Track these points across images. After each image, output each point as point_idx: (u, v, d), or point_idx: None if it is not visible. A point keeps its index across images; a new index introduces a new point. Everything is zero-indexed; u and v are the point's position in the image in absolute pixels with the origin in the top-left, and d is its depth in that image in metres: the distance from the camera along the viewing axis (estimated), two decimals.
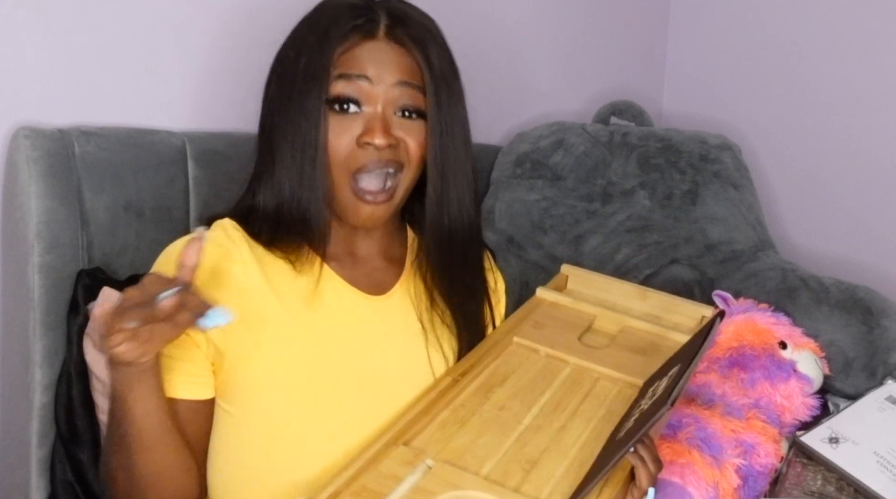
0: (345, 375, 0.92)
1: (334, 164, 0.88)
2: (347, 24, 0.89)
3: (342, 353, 0.92)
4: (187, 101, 1.34)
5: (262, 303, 0.89)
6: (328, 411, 0.90)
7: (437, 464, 0.83)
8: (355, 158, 0.88)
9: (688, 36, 2.13)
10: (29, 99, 1.19)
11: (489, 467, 0.83)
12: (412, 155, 0.91)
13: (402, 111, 0.90)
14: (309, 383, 0.90)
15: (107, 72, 1.26)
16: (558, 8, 1.91)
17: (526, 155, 1.65)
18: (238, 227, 0.93)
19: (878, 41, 1.77)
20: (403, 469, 0.82)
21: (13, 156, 1.14)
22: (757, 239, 1.63)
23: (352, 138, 0.88)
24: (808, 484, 1.14)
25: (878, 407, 1.25)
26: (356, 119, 0.88)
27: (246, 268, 0.90)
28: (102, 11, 1.24)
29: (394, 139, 0.88)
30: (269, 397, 0.89)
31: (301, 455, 0.89)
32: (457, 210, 0.95)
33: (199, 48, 1.33)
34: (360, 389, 0.92)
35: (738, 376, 1.24)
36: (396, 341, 0.96)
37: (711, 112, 2.07)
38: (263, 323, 0.89)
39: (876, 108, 1.79)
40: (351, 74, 0.88)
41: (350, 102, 0.88)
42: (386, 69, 0.88)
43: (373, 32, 0.90)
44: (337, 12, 0.91)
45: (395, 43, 0.90)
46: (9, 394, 1.22)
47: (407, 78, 0.89)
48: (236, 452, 0.91)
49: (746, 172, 1.72)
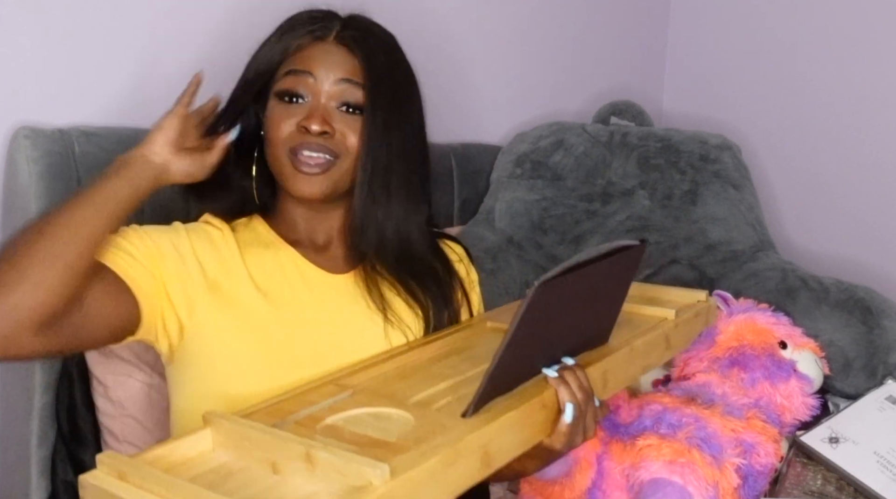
0: (305, 348, 0.96)
1: (275, 144, 0.98)
2: (304, 28, 1.00)
3: (303, 327, 0.97)
4: None
5: (233, 274, 0.96)
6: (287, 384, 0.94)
7: (357, 393, 0.83)
8: (293, 138, 0.97)
9: (688, 36, 2.13)
10: (29, 99, 1.19)
11: (425, 394, 0.83)
12: (350, 146, 0.98)
13: (343, 106, 0.98)
14: (269, 354, 0.94)
15: (107, 72, 1.26)
16: (558, 8, 1.91)
17: (526, 155, 1.66)
18: (214, 217, 1.02)
19: (878, 41, 1.77)
20: (325, 397, 0.83)
21: (13, 156, 1.14)
22: (757, 239, 1.63)
23: (293, 123, 0.97)
24: (808, 484, 1.14)
25: (878, 407, 1.25)
26: (300, 108, 0.98)
27: (230, 249, 0.98)
28: (102, 12, 1.24)
29: (330, 128, 0.97)
30: (231, 365, 0.93)
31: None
32: (383, 214, 1.01)
33: (199, 48, 1.34)
34: (319, 361, 0.96)
35: (738, 376, 1.24)
36: (356, 317, 1.01)
37: (711, 112, 2.07)
38: (236, 299, 0.95)
39: (876, 108, 1.79)
40: (298, 70, 0.98)
41: (295, 96, 0.98)
42: (330, 68, 0.98)
43: (324, 36, 1.00)
44: (299, 19, 1.02)
45: (342, 45, 1.00)
46: (9, 394, 1.22)
47: (349, 75, 0.98)
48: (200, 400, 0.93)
49: (746, 172, 1.72)
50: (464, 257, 1.14)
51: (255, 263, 0.99)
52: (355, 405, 0.80)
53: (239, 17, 1.37)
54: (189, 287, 0.93)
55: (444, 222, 1.62)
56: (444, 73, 1.71)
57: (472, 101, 1.78)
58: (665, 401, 1.16)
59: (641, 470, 1.06)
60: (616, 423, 1.14)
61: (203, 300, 0.93)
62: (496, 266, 1.48)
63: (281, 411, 0.80)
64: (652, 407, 1.14)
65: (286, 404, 0.82)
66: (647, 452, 1.07)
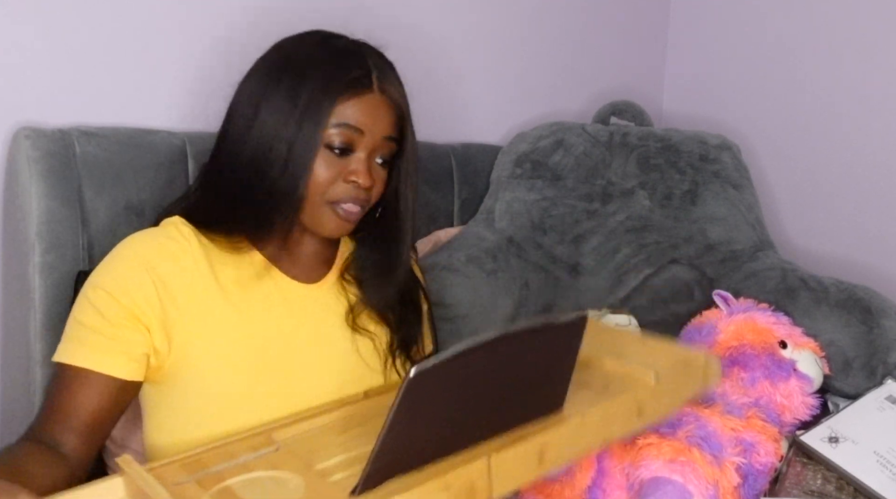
0: (277, 357, 0.99)
1: (315, 191, 0.98)
2: (347, 73, 0.98)
3: (276, 337, 1.00)
4: (187, 101, 1.34)
5: (206, 292, 0.97)
6: (260, 396, 0.97)
7: (281, 451, 0.83)
8: (336, 190, 0.99)
9: (688, 36, 2.13)
10: (30, 99, 1.20)
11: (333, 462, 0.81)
12: (376, 194, 1.04)
13: (380, 159, 1.02)
14: (245, 366, 0.97)
15: (107, 72, 1.26)
16: (558, 8, 1.91)
17: (526, 155, 1.66)
18: (186, 223, 1.01)
19: (879, 41, 1.78)
20: (248, 451, 0.83)
21: (14, 156, 1.14)
22: (757, 239, 1.63)
23: (338, 173, 0.99)
24: (808, 483, 1.14)
25: (878, 406, 1.25)
26: (347, 160, 0.99)
27: (195, 260, 0.98)
28: (103, 12, 1.24)
29: (372, 182, 1.00)
30: (207, 382, 0.96)
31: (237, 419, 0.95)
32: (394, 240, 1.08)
33: (199, 48, 1.34)
34: (290, 369, 1.00)
35: (738, 375, 1.24)
36: (326, 326, 1.05)
37: (711, 112, 2.07)
38: (207, 311, 0.96)
39: (876, 108, 1.79)
40: (351, 125, 0.98)
41: (346, 150, 0.99)
42: (378, 123, 1.00)
43: (369, 86, 0.99)
44: (337, 57, 1.00)
45: (385, 97, 1.01)
46: (9, 394, 1.22)
47: (392, 133, 1.02)
48: (176, 426, 0.97)
49: (746, 172, 1.72)
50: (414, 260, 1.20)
51: (224, 273, 0.99)
52: (266, 465, 0.81)
53: (240, 17, 1.37)
54: (164, 320, 0.95)
55: (444, 222, 1.63)
56: (445, 73, 1.71)
57: (473, 101, 1.79)
58: None
59: (641, 469, 1.06)
60: None
61: (177, 325, 0.95)
62: (496, 266, 1.48)
63: (198, 464, 0.81)
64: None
65: (206, 456, 0.83)
66: (648, 450, 1.07)
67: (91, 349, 0.93)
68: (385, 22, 1.07)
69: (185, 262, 0.97)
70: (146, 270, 0.94)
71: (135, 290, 0.93)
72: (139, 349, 0.94)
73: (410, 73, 1.08)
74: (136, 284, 0.94)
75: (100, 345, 0.93)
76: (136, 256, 0.96)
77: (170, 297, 0.95)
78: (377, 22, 1.15)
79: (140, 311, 0.93)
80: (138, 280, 0.94)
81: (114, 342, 0.93)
